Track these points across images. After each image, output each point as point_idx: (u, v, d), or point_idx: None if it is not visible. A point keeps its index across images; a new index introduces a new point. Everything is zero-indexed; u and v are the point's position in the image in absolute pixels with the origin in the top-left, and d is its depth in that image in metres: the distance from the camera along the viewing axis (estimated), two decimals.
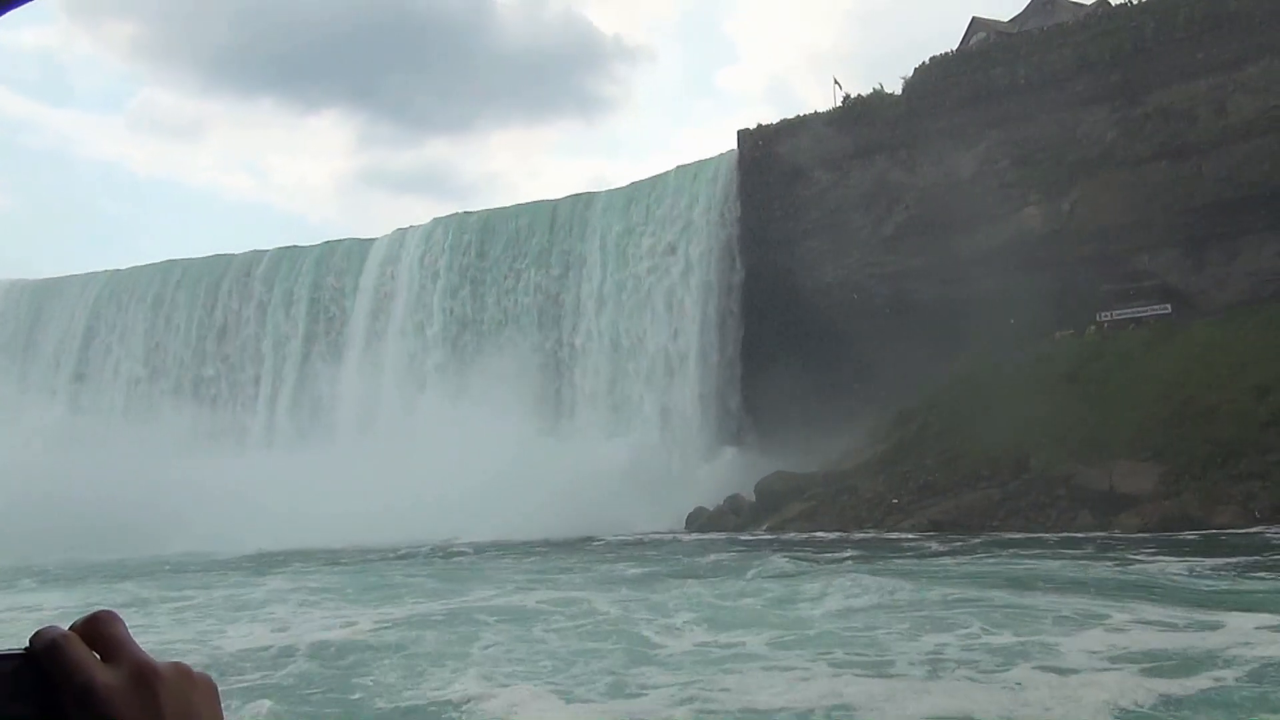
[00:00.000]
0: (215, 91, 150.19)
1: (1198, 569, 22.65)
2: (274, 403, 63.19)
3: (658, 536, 41.77)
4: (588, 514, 44.35)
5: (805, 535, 37.75)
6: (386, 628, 18.99)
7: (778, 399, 51.60)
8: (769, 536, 38.43)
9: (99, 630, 1.01)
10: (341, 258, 65.39)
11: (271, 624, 20.20)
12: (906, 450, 42.94)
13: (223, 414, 63.60)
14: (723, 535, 40.57)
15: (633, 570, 27.63)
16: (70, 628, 1.01)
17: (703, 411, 53.46)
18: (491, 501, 44.04)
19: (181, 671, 1.03)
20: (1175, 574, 22.18)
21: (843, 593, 20.59)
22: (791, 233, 54.02)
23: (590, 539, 40.45)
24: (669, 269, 55.34)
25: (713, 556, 30.95)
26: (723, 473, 49.58)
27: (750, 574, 25.20)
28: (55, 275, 74.20)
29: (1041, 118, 49.46)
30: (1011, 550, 28.35)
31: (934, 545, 31.27)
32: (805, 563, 27.52)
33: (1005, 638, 15.54)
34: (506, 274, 59.67)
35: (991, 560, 26.37)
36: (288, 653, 16.78)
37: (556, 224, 59.84)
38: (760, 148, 56.10)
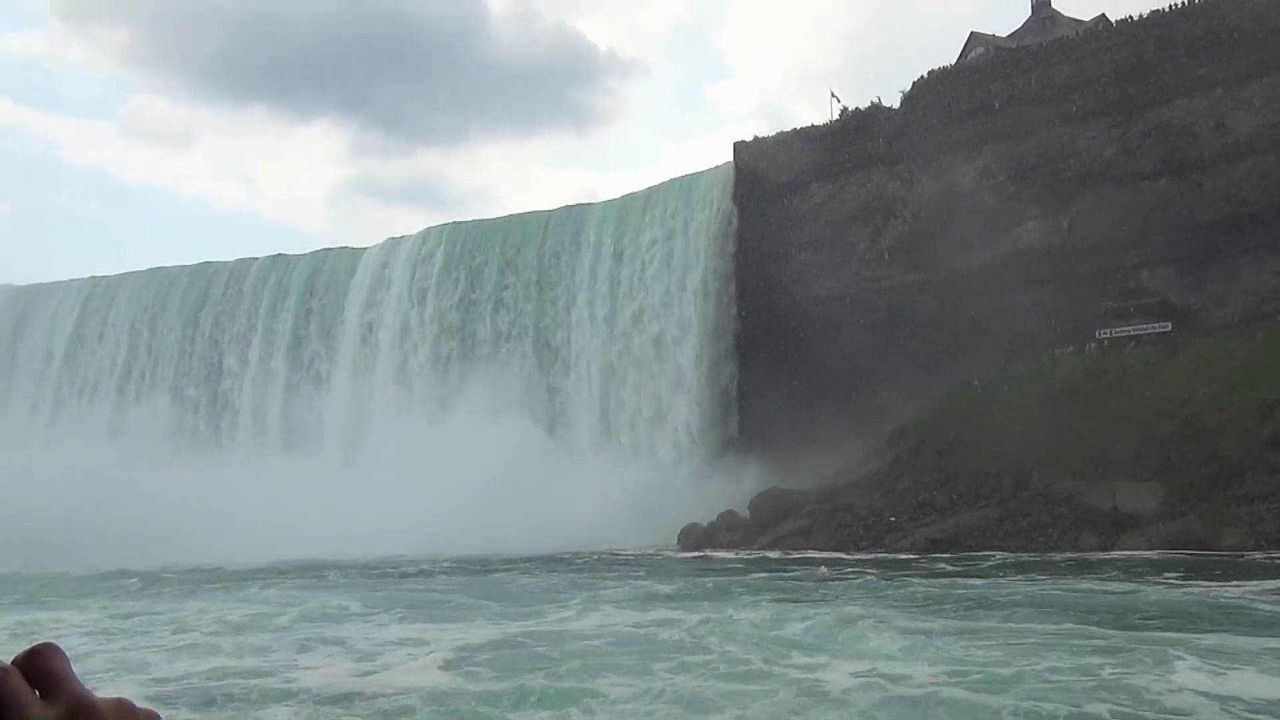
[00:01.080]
0: (206, 99, 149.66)
1: (1257, 593, 21.59)
2: (261, 413, 62.20)
3: (652, 554, 40.84)
4: (576, 530, 43.53)
5: (808, 553, 36.88)
6: (478, 656, 16.53)
7: (772, 414, 50.94)
8: (770, 554, 37.53)
9: (39, 665, 0.99)
10: (332, 266, 64.57)
11: (349, 652, 17.67)
12: (903, 467, 42.24)
13: (208, 424, 62.63)
14: (720, 553, 39.67)
15: (663, 588, 26.34)
16: (12, 661, 0.98)
17: (695, 426, 52.73)
18: (479, 516, 43.16)
19: (124, 708, 1.00)
20: (1256, 599, 20.72)
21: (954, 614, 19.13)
22: (787, 245, 53.46)
23: (578, 555, 39.54)
24: (663, 282, 54.68)
25: (756, 576, 29.61)
26: (715, 489, 48.76)
27: (818, 595, 23.83)
28: (41, 281, 73.31)
29: (1041, 132, 49.07)
30: (1033, 573, 27.11)
31: (945, 566, 30.40)
32: (860, 579, 26.21)
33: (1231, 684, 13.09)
34: (498, 285, 58.93)
35: (1027, 584, 24.78)
36: (438, 696, 14.11)
37: (549, 235, 59.16)
38: (756, 160, 55.60)
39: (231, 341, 64.55)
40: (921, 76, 53.44)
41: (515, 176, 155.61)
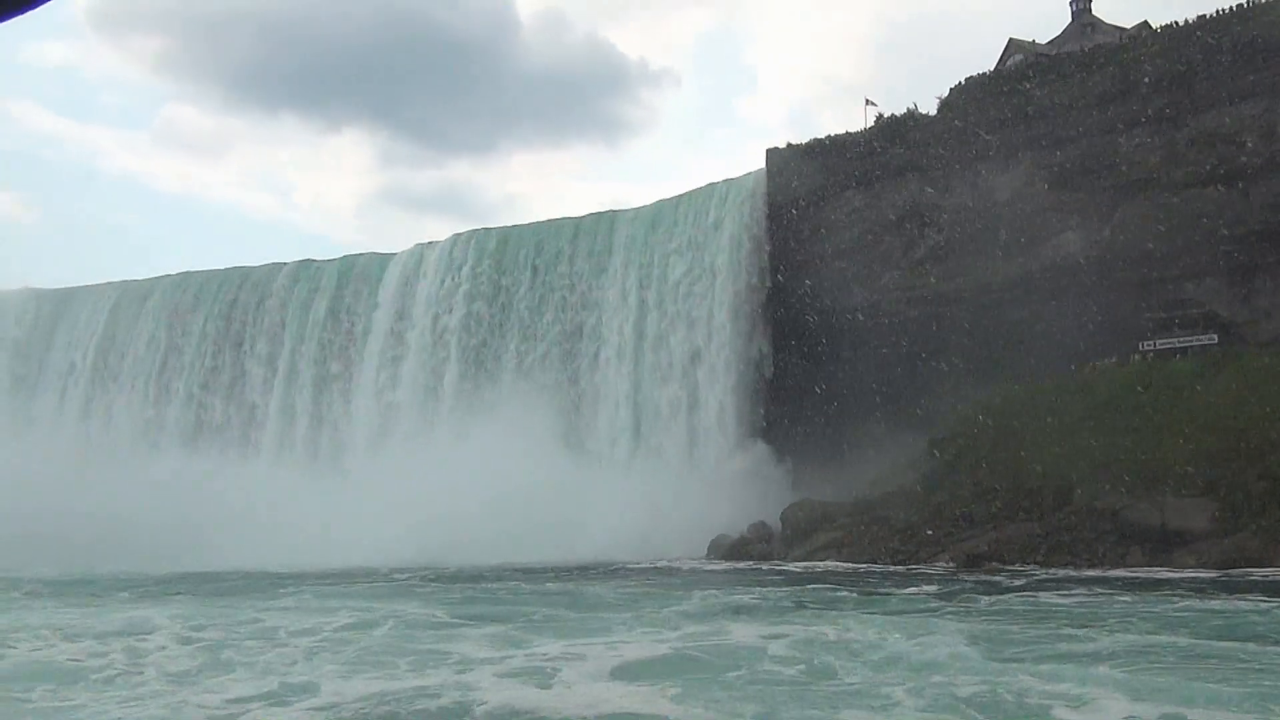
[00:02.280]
0: (238, 107, 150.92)
1: None
2: (287, 418, 61.95)
3: (690, 566, 39.94)
4: (604, 540, 42.88)
5: (846, 566, 35.89)
6: (654, 670, 15.11)
7: (804, 425, 50.07)
8: (799, 567, 36.60)
9: None
10: (360, 272, 64.36)
11: (522, 674, 15.59)
12: (940, 480, 41.19)
13: (234, 428, 62.47)
14: (750, 564, 38.81)
15: (738, 599, 25.08)
16: None
17: (726, 436, 51.86)
18: (506, 525, 42.59)
19: None
20: None
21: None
22: (821, 254, 52.61)
23: (612, 565, 38.79)
24: (693, 290, 53.95)
25: (813, 587, 28.62)
26: (745, 500, 47.89)
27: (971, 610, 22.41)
28: (72, 285, 73.63)
29: (1082, 140, 48.01)
30: (1100, 589, 25.77)
31: (1003, 580, 29.22)
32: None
33: None
34: (527, 291, 58.41)
35: (1133, 602, 23.22)
36: None
37: (579, 242, 58.62)
38: (788, 167, 54.83)
39: (259, 346, 64.43)
40: (959, 83, 52.57)
41: (544, 187, 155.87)
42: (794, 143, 55.90)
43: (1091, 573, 31.04)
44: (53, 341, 70.60)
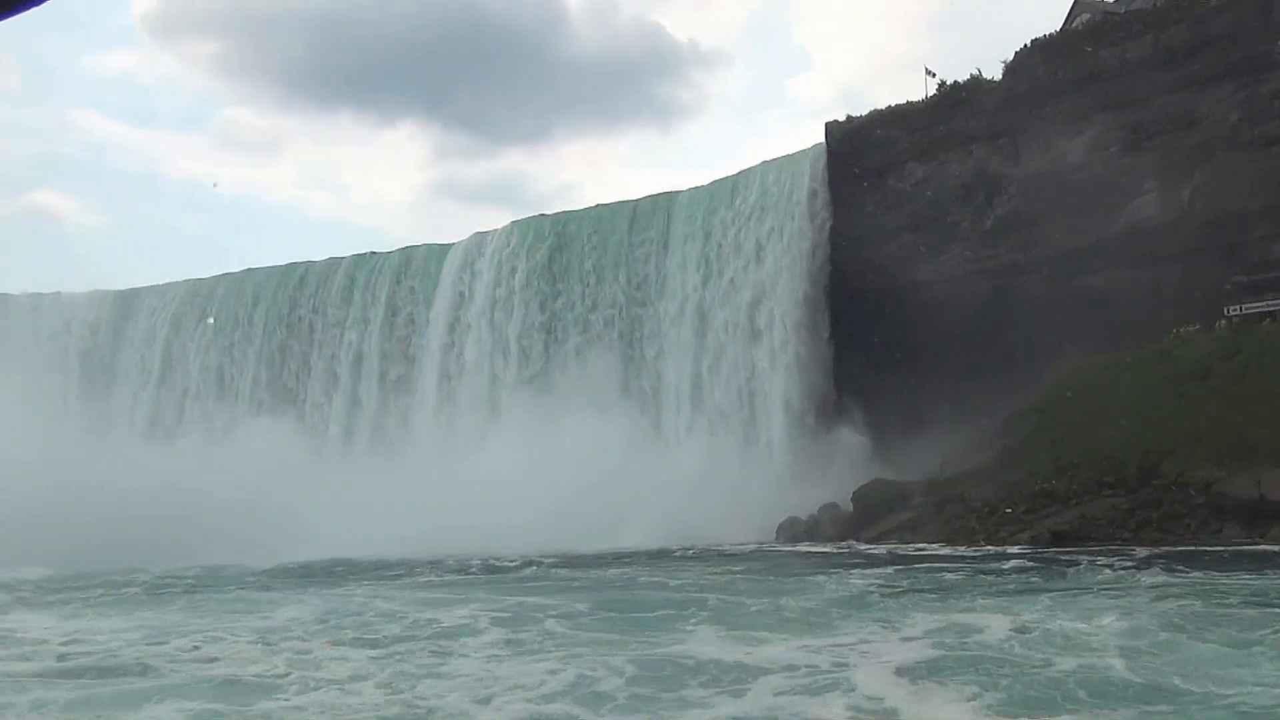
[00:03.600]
0: (293, 107, 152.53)
1: None
2: (351, 409, 62.49)
3: (765, 549, 39.28)
4: (671, 524, 42.26)
5: (929, 547, 34.90)
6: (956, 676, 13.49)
7: (872, 403, 48.98)
8: (883, 550, 35.69)
9: None
10: (419, 262, 64.57)
11: (816, 687, 13.61)
12: (1017, 456, 39.94)
13: (299, 420, 63.09)
14: (824, 548, 38.01)
15: (859, 584, 23.84)
16: None
17: (791, 416, 51.01)
18: (572, 511, 42.23)
19: None
20: None
21: None
22: (885, 228, 51.38)
23: (687, 550, 38.23)
24: (755, 268, 53.07)
25: (929, 570, 27.31)
26: (812, 481, 47.02)
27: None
28: (138, 285, 74.98)
29: (1157, 99, 46.09)
30: (1229, 569, 24.36)
31: (1102, 559, 27.89)
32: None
33: None
34: (586, 275, 58.04)
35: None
36: None
37: (636, 224, 58.03)
38: (848, 140, 53.58)
39: (321, 338, 65.06)
40: (1024, 46, 50.78)
41: (597, 175, 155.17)
42: (854, 115, 54.67)
43: (1201, 549, 29.56)
44: (121, 340, 72.03)
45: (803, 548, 38.34)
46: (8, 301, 77.24)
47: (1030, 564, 27.40)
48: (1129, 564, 26.62)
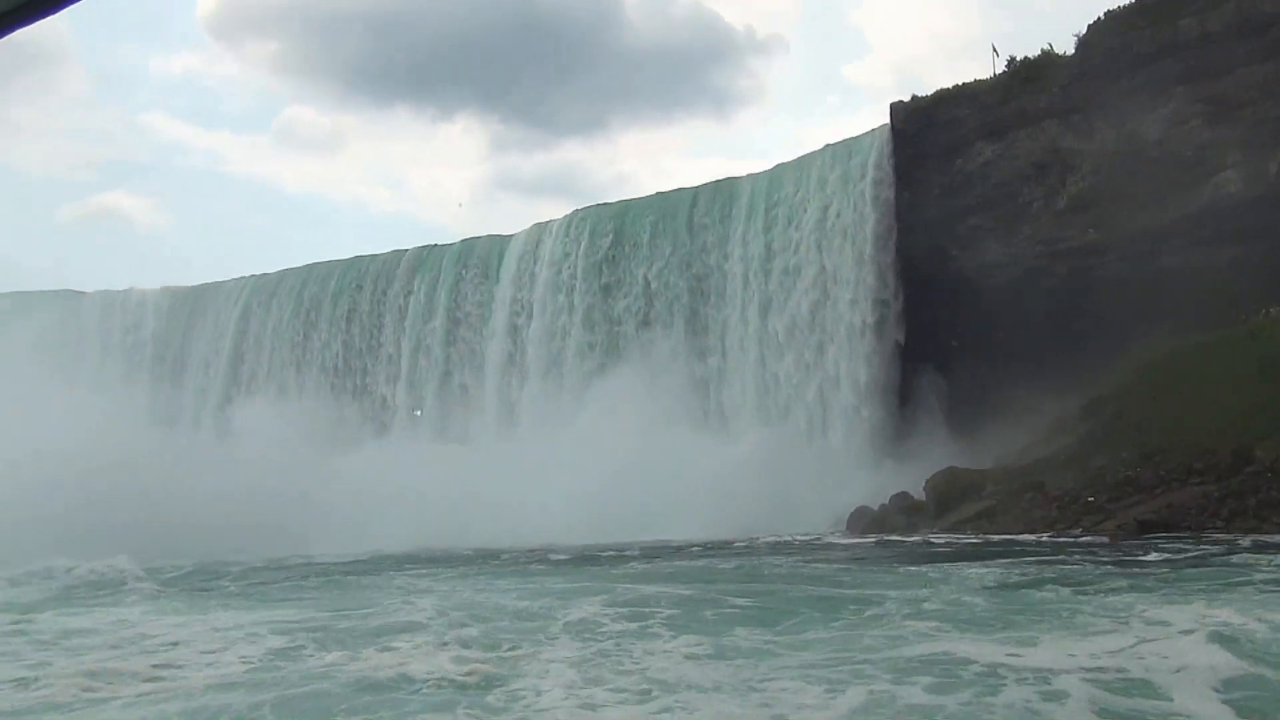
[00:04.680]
0: (352, 104, 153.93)
1: None
2: (416, 398, 62.98)
3: (828, 539, 38.64)
4: (734, 515, 41.71)
5: (1013, 536, 33.78)
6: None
7: (944, 389, 48.00)
8: (962, 541, 34.79)
9: None
10: (480, 254, 64.71)
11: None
12: (1098, 443, 38.77)
13: (362, 411, 63.71)
14: (896, 538, 37.24)
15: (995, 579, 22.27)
16: None
17: (857, 404, 50.13)
18: (634, 500, 41.97)
19: None
20: None
21: None
22: (952, 210, 50.14)
23: (752, 541, 37.71)
24: (819, 253, 52.17)
25: (1027, 561, 25.80)
26: (881, 470, 46.23)
27: None
28: (206, 282, 76.28)
29: (1240, 70, 44.30)
30: None
31: (1210, 549, 26.70)
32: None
33: None
34: (646, 262, 57.61)
35: None
36: None
37: (697, 211, 57.43)
38: (914, 121, 52.36)
39: (387, 330, 65.59)
40: (1098, 18, 49.19)
41: (654, 165, 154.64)
42: (919, 95, 53.41)
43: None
44: (190, 336, 73.38)
45: (873, 539, 37.53)
46: (80, 299, 79.08)
47: (1169, 555, 25.95)
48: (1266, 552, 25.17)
